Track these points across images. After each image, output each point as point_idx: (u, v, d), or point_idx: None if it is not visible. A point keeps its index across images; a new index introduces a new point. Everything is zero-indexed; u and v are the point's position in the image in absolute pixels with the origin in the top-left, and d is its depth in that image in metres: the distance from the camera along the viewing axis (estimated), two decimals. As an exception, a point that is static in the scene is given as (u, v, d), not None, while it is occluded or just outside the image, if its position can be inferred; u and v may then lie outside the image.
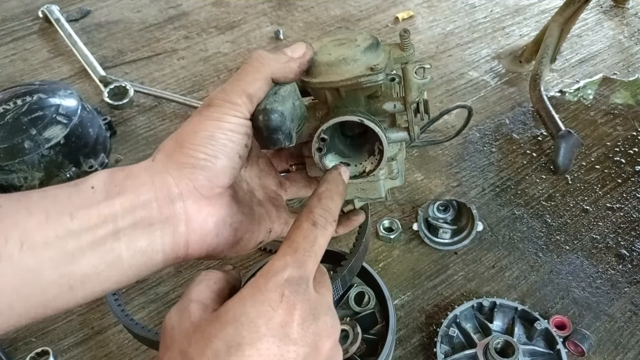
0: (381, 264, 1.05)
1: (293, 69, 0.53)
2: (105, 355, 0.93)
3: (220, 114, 0.49)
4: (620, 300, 0.98)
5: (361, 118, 0.52)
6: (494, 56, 1.49)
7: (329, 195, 0.50)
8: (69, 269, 0.44)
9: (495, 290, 1.00)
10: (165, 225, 0.48)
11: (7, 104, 1.17)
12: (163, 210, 0.48)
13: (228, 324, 0.41)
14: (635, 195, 1.14)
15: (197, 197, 0.49)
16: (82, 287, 0.45)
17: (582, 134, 1.26)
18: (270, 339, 0.41)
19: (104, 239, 0.45)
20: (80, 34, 1.58)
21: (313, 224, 0.47)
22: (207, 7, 1.70)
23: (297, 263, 0.44)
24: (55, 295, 0.44)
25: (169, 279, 1.03)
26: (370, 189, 0.58)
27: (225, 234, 0.52)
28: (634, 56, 1.48)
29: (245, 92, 0.50)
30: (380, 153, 0.54)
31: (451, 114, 1.32)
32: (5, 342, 0.94)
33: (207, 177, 0.49)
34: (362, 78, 0.53)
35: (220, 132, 0.49)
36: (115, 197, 0.46)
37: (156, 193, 0.48)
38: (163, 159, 0.50)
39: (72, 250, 0.44)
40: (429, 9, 1.66)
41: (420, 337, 0.95)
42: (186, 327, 0.43)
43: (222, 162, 0.49)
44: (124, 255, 0.46)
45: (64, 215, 0.44)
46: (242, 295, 0.43)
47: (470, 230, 1.05)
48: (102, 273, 0.46)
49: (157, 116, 1.37)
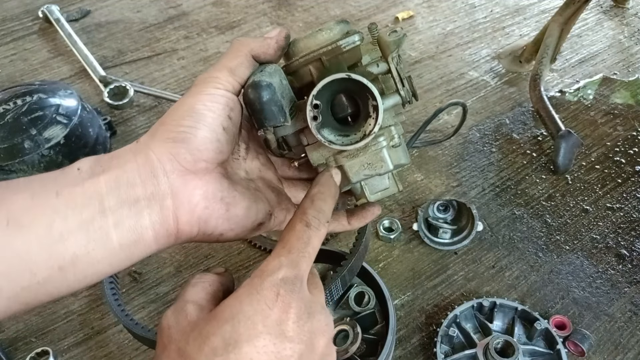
0: (381, 264, 1.05)
1: (271, 44, 0.54)
2: (105, 355, 0.93)
3: (200, 88, 0.50)
4: (620, 300, 0.98)
5: (348, 74, 0.52)
6: (494, 56, 1.49)
7: (322, 197, 0.51)
8: (57, 248, 0.43)
9: (495, 290, 1.00)
10: (152, 202, 0.47)
11: (7, 104, 1.17)
12: (147, 186, 0.47)
13: (225, 321, 0.41)
14: (635, 195, 1.14)
15: (181, 171, 0.49)
16: (73, 268, 0.45)
17: (582, 134, 1.26)
18: (267, 336, 0.41)
19: (91, 217, 0.45)
20: (80, 34, 1.58)
21: (306, 225, 0.48)
22: (207, 7, 1.70)
23: (291, 263, 0.45)
24: (46, 277, 0.44)
25: (169, 279, 1.03)
26: (375, 161, 0.56)
27: (216, 206, 0.51)
28: (634, 56, 1.48)
29: (226, 67, 0.51)
30: (375, 109, 0.53)
31: (451, 113, 1.32)
32: (5, 342, 0.94)
33: (188, 150, 0.48)
34: (341, 41, 0.54)
35: (200, 104, 0.49)
36: (100, 175, 0.46)
37: (139, 169, 0.47)
38: (146, 138, 0.50)
39: (59, 229, 0.44)
40: (429, 9, 1.66)
41: (420, 337, 0.95)
42: (183, 326, 0.44)
43: (202, 132, 0.48)
44: (112, 234, 0.46)
45: (50, 193, 0.44)
46: (238, 294, 0.43)
47: (470, 230, 1.05)
48: (91, 253, 0.45)
49: (157, 116, 1.37)
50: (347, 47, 0.55)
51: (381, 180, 0.60)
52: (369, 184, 0.60)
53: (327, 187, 0.52)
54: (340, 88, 0.54)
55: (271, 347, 0.41)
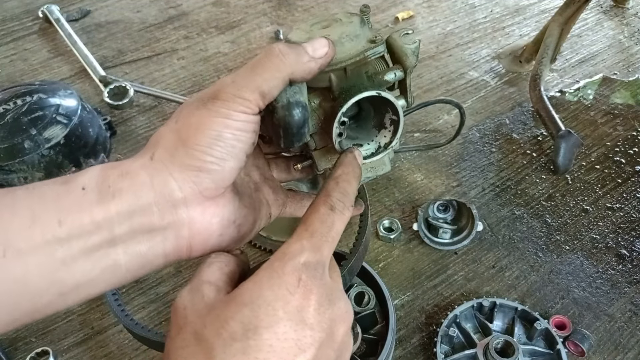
0: (381, 264, 1.05)
1: (312, 69, 0.48)
2: (105, 355, 0.93)
3: (228, 110, 0.44)
4: (620, 300, 0.98)
5: (378, 91, 0.50)
6: (494, 56, 1.48)
7: (346, 178, 0.49)
8: (59, 276, 0.41)
9: (495, 290, 1.00)
10: (167, 231, 0.45)
11: (7, 104, 1.17)
12: (165, 215, 0.44)
13: (244, 305, 0.40)
14: (635, 195, 1.14)
15: (200, 200, 0.46)
16: (76, 292, 0.43)
17: (582, 134, 1.26)
18: (288, 322, 0.40)
19: (98, 245, 0.42)
20: (80, 34, 1.58)
21: (331, 208, 0.46)
22: (207, 7, 1.70)
23: (314, 247, 0.43)
24: (46, 304, 0.42)
25: (169, 279, 1.03)
26: (379, 164, 0.57)
27: (230, 232, 0.49)
28: (634, 56, 1.48)
29: (259, 89, 0.45)
30: (393, 123, 0.54)
31: (451, 113, 1.32)
32: (5, 342, 0.94)
33: (213, 181, 0.45)
34: (368, 51, 0.52)
35: (229, 132, 0.44)
36: (110, 201, 0.43)
37: (156, 197, 0.44)
38: (164, 157, 0.45)
39: (62, 257, 0.41)
40: (429, 9, 1.66)
41: (420, 337, 0.95)
42: (199, 307, 0.41)
43: (230, 164, 0.45)
44: (121, 261, 0.44)
45: (52, 220, 0.41)
46: (259, 277, 0.41)
47: (470, 230, 1.05)
48: (96, 278, 0.43)
49: (157, 116, 1.37)
50: (373, 57, 0.53)
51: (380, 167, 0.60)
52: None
53: (352, 168, 0.50)
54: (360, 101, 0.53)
55: (291, 334, 0.40)
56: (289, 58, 0.46)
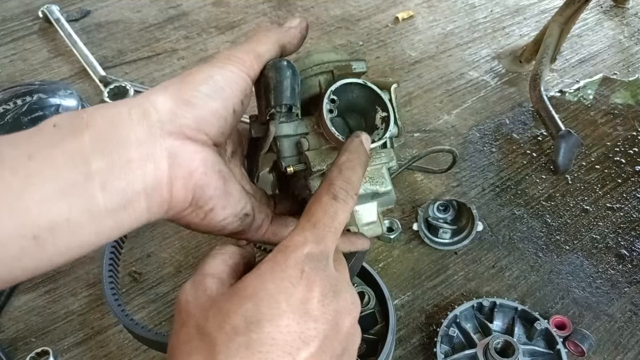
0: (381, 264, 1.05)
1: (296, 34, 0.53)
2: (105, 355, 0.93)
3: (222, 63, 0.47)
4: (620, 300, 0.98)
5: (365, 81, 0.54)
6: (494, 56, 1.49)
7: (351, 166, 0.48)
8: (31, 216, 0.37)
9: (495, 290, 1.00)
10: (146, 162, 0.42)
11: (7, 104, 1.17)
12: (142, 146, 0.42)
13: (247, 299, 0.39)
14: (635, 195, 1.14)
15: (180, 135, 0.44)
16: (52, 237, 0.39)
17: (582, 134, 1.26)
18: (291, 315, 0.39)
19: (72, 180, 0.39)
20: (80, 34, 1.58)
21: (334, 198, 0.45)
22: (207, 7, 1.70)
23: (317, 238, 0.42)
24: (19, 249, 0.38)
25: (169, 279, 1.03)
26: (377, 176, 0.57)
27: (214, 176, 0.46)
28: (634, 56, 1.48)
29: (254, 51, 0.48)
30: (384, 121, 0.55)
31: (451, 113, 1.33)
32: (5, 342, 0.94)
33: (195, 116, 0.44)
34: (353, 62, 0.57)
35: (219, 75, 0.46)
36: (84, 130, 0.40)
37: (133, 126, 0.42)
38: (148, 93, 0.44)
39: (34, 196, 0.37)
40: (429, 9, 1.66)
41: (420, 337, 0.95)
42: (202, 301, 0.41)
43: (215, 104, 0.45)
44: (99, 197, 0.40)
45: (21, 156, 0.38)
46: (261, 270, 0.41)
47: (470, 230, 1.05)
48: (74, 219, 0.39)
49: (157, 116, 1.37)
50: (357, 71, 0.57)
51: (371, 212, 0.59)
52: (359, 212, 0.58)
53: (357, 154, 0.49)
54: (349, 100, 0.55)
55: (294, 327, 0.39)
56: (273, 28, 0.52)
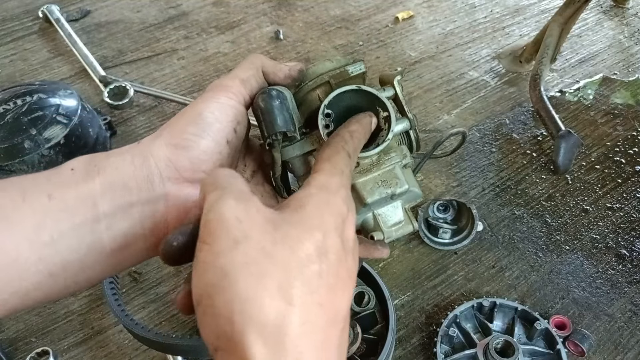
0: (381, 264, 1.04)
1: (283, 69, 0.54)
2: (105, 355, 0.93)
3: (211, 95, 0.49)
4: (620, 300, 0.98)
5: (358, 86, 0.53)
6: (494, 56, 1.48)
7: (358, 136, 0.50)
8: (47, 252, 0.42)
9: (495, 290, 1.00)
10: (145, 207, 0.46)
11: (7, 104, 1.17)
12: (142, 191, 0.46)
13: (316, 229, 0.39)
14: (635, 195, 1.14)
15: (178, 178, 0.47)
16: (64, 274, 0.43)
17: (582, 134, 1.26)
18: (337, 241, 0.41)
19: (83, 220, 0.44)
20: (80, 34, 1.58)
21: (348, 155, 0.47)
22: (207, 7, 1.70)
23: (346, 185, 0.45)
24: (35, 283, 0.42)
25: (169, 279, 1.03)
26: (390, 178, 0.55)
27: None
28: (634, 56, 1.48)
29: (237, 77, 0.51)
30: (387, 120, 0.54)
31: (451, 113, 1.32)
32: (5, 342, 0.94)
33: (188, 158, 0.47)
34: (348, 66, 0.56)
35: (208, 112, 0.48)
36: (95, 177, 0.45)
37: (135, 173, 0.46)
38: (148, 141, 0.48)
39: (50, 231, 0.42)
40: (429, 9, 1.66)
41: (420, 337, 0.95)
42: (259, 222, 0.38)
43: (205, 142, 0.47)
44: (104, 238, 0.45)
45: (42, 195, 0.43)
46: (318, 202, 0.41)
47: (470, 230, 1.05)
48: (83, 258, 0.44)
49: (157, 116, 1.37)
50: (354, 73, 0.56)
51: (395, 211, 0.57)
52: (382, 215, 0.57)
53: (364, 127, 0.51)
54: (349, 105, 0.54)
55: (351, 264, 0.42)
56: (260, 56, 0.54)
